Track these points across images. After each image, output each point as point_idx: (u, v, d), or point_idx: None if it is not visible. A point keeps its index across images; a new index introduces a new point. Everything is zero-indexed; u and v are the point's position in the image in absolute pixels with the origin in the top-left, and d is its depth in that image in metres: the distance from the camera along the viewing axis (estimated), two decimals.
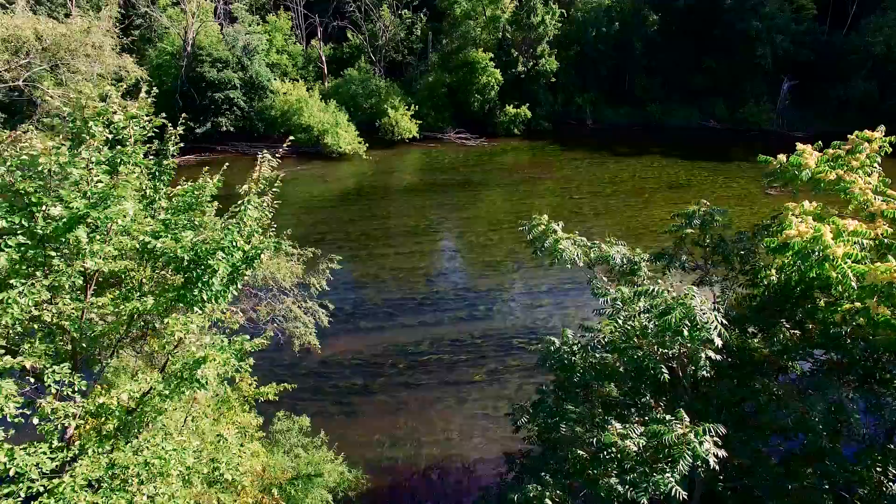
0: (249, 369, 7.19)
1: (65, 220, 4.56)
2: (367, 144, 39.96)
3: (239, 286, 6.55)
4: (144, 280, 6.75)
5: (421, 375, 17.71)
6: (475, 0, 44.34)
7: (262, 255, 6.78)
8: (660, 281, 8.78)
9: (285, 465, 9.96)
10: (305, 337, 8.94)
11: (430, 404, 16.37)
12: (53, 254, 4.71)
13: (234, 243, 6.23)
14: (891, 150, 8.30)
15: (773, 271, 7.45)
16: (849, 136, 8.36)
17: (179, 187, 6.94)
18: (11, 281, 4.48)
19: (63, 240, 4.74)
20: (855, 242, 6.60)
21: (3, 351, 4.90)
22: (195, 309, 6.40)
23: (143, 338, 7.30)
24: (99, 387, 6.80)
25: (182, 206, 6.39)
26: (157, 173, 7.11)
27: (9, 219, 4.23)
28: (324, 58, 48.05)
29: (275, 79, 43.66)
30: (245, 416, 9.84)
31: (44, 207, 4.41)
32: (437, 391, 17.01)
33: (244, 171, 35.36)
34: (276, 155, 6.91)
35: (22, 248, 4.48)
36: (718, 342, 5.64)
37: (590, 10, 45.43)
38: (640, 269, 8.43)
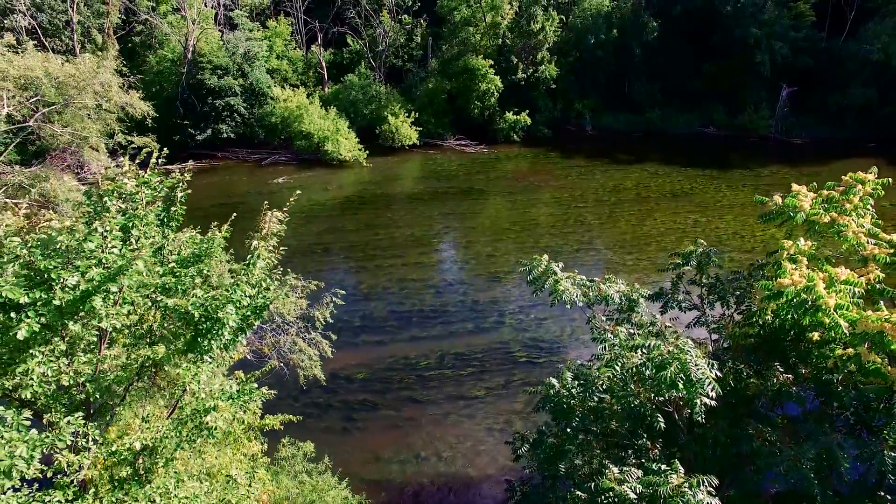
0: (257, 410, 7.36)
1: (82, 289, 4.73)
2: (367, 152, 40.11)
3: (248, 334, 6.72)
4: (154, 326, 6.91)
5: (427, 391, 17.71)
6: (475, 6, 44.43)
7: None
8: (657, 316, 9.00)
9: (291, 492, 10.15)
10: (310, 370, 9.10)
11: (436, 421, 16.41)
12: (70, 323, 4.88)
13: (244, 295, 6.40)
14: (883, 192, 8.47)
15: (769, 313, 7.63)
16: (843, 177, 8.53)
17: (188, 235, 7.09)
18: (31, 350, 4.65)
19: (80, 307, 4.91)
20: (847, 290, 6.78)
21: (27, 413, 5.07)
22: (205, 358, 6.58)
23: (153, 381, 7.47)
24: (111, 431, 6.98)
25: (191, 257, 6.55)
26: (165, 220, 7.27)
27: (30, 295, 4.40)
28: (324, 63, 48.15)
29: (275, 85, 43.79)
30: (250, 444, 10.03)
31: (62, 280, 4.58)
32: (442, 406, 17.00)
33: (244, 177, 35.75)
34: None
35: (41, 319, 4.66)
36: (712, 396, 5.83)
37: (589, 16, 45.54)
38: (639, 305, 8.62)
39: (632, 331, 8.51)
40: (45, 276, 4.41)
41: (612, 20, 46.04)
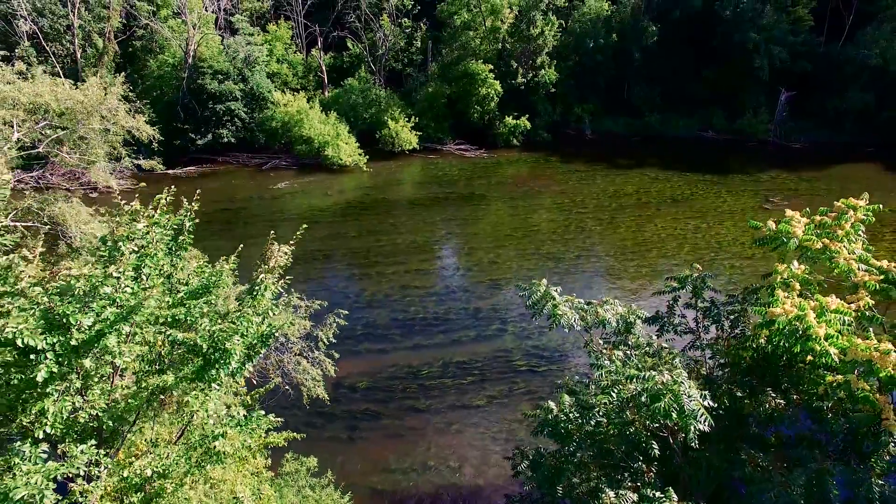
0: (264, 433, 7.55)
1: (97, 329, 4.92)
2: (367, 157, 40.25)
3: (255, 361, 6.91)
4: (164, 353, 7.10)
5: (429, 399, 17.81)
6: (475, 11, 44.56)
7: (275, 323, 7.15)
8: (653, 337, 9.20)
9: None
10: (314, 390, 9.29)
11: (439, 430, 16.49)
12: (86, 361, 5.08)
13: (251, 324, 6.59)
14: (874, 219, 8.65)
15: (763, 337, 7.82)
16: (835, 203, 8.72)
17: (196, 264, 7.27)
18: (48, 389, 4.84)
19: (95, 345, 5.10)
20: (837, 319, 6.97)
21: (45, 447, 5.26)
22: (213, 385, 6.77)
23: (162, 403, 7.65)
24: (121, 456, 7.18)
25: (200, 289, 6.74)
26: (173, 248, 7.45)
27: (49, 340, 4.59)
28: (324, 67, 48.29)
29: (275, 89, 43.93)
30: (255, 461, 10.22)
31: (79, 322, 4.77)
32: (445, 415, 17.11)
33: (246, 182, 35.83)
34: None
35: (59, 360, 4.85)
36: (705, 428, 6.03)
37: (588, 21, 45.69)
38: (635, 327, 8.83)
39: (628, 353, 8.72)
40: (64, 319, 4.60)
41: (612, 24, 46.19)
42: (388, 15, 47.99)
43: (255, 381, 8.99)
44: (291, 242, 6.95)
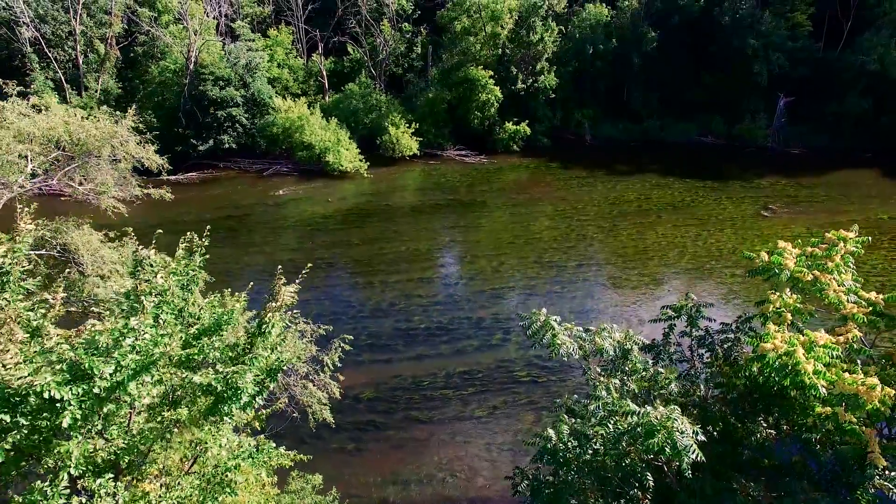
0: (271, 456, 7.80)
1: (118, 379, 5.19)
2: (367, 163, 40.47)
3: (265, 395, 7.18)
4: (176, 387, 7.36)
5: (433, 410, 18.03)
6: (475, 17, 44.75)
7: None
8: (649, 361, 9.47)
9: None
10: (320, 414, 9.55)
11: (442, 442, 16.68)
12: (109, 406, 5.34)
13: (263, 359, 6.85)
14: (863, 251, 8.91)
15: (755, 367, 8.09)
16: (827, 234, 8.98)
17: (208, 300, 7.52)
18: (72, 433, 5.11)
19: (116, 391, 5.37)
20: (826, 353, 7.24)
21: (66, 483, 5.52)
22: (225, 419, 7.04)
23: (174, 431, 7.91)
24: (137, 489, 7.45)
25: (212, 326, 7.00)
26: (185, 284, 7.70)
27: (74, 390, 4.85)
28: (324, 72, 48.49)
29: (276, 95, 44.15)
30: (261, 481, 10.49)
31: (102, 372, 5.03)
32: (448, 426, 17.34)
33: (247, 188, 36.07)
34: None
35: (82, 406, 5.11)
36: (697, 458, 6.30)
37: (588, 26, 45.89)
38: (631, 353, 9.10)
39: (625, 380, 9.00)
40: (89, 371, 4.86)
41: (612, 30, 46.39)
42: (389, 20, 48.19)
43: (261, 402, 9.26)
44: (297, 281, 7.21)
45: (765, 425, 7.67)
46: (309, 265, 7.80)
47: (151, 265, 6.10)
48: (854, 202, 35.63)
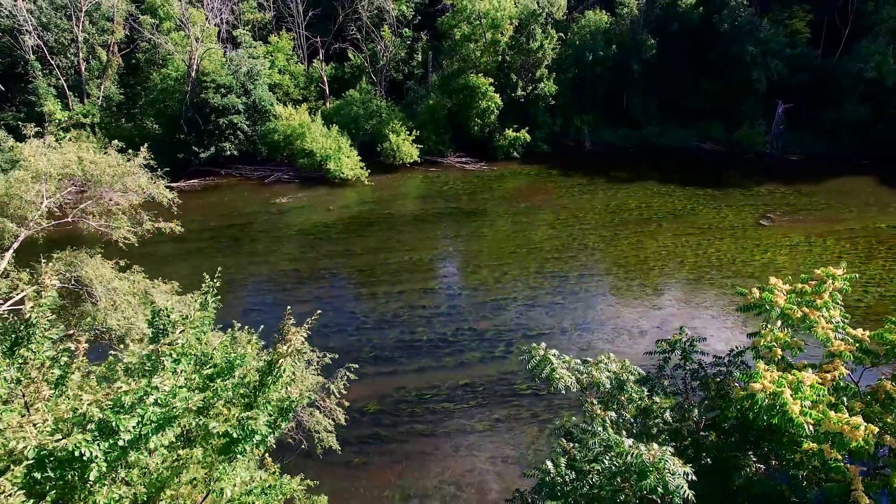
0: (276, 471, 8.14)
1: (143, 430, 5.51)
2: (368, 170, 40.70)
3: (277, 434, 7.50)
4: (190, 428, 7.67)
5: (436, 424, 18.30)
6: (475, 24, 44.97)
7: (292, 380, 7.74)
8: (645, 391, 9.79)
9: None
10: (327, 441, 9.87)
11: (447, 455, 16.95)
12: (130, 455, 5.66)
13: (273, 405, 7.17)
14: (851, 289, 9.22)
15: (746, 404, 8.41)
16: (816, 271, 9.29)
17: (219, 341, 7.83)
18: (97, 485, 5.42)
19: (139, 443, 5.69)
20: (812, 393, 7.57)
21: None
22: (239, 457, 7.37)
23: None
24: None
25: (224, 367, 7.31)
26: (201, 333, 8.01)
27: (101, 446, 5.17)
28: (325, 78, 48.73)
29: (277, 101, 44.40)
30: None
31: (126, 427, 5.35)
32: (451, 440, 17.64)
33: (249, 195, 36.28)
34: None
35: (108, 459, 5.44)
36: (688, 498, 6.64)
37: (587, 33, 46.12)
38: (627, 384, 9.43)
39: (621, 411, 9.33)
40: (116, 427, 5.18)
41: (611, 37, 46.61)
42: (389, 26, 48.40)
43: (273, 441, 9.57)
44: (307, 326, 7.53)
45: (754, 459, 8.00)
46: (318, 312, 8.09)
47: (168, 315, 6.41)
48: (852, 210, 35.93)
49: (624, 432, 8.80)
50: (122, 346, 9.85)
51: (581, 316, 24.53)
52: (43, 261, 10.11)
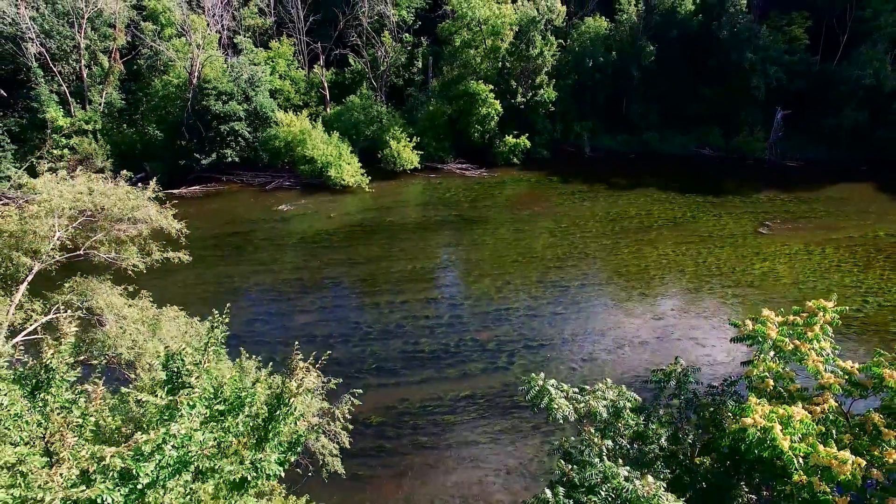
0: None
1: (161, 475, 5.80)
2: (369, 177, 40.91)
3: (286, 467, 7.79)
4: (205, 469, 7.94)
5: (441, 436, 18.51)
6: (476, 30, 45.16)
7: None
8: (641, 419, 10.06)
9: None
10: (332, 465, 10.15)
11: (452, 467, 17.20)
12: (148, 496, 5.95)
13: (283, 439, 7.45)
14: (840, 322, 9.49)
15: (739, 435, 8.68)
16: (807, 303, 9.56)
17: (230, 377, 8.09)
18: None
19: (157, 484, 5.97)
20: (801, 427, 7.85)
21: None
22: (250, 491, 7.65)
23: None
24: None
25: (235, 403, 7.59)
26: (203, 350, 8.27)
27: (122, 492, 5.45)
28: (326, 83, 48.95)
29: (278, 106, 44.62)
30: None
31: (146, 472, 5.64)
32: (457, 451, 17.87)
33: (250, 201, 36.48)
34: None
35: (127, 501, 5.72)
36: None
37: (587, 40, 46.31)
38: (624, 411, 9.72)
39: (617, 438, 9.61)
40: (136, 474, 5.47)
41: (611, 44, 46.80)
42: (390, 31, 48.59)
43: (282, 474, 9.85)
44: (318, 365, 7.79)
45: (746, 490, 8.28)
46: (329, 352, 8.36)
47: (183, 359, 6.69)
48: (851, 218, 36.16)
49: (620, 460, 9.08)
50: (133, 374, 10.16)
51: (582, 326, 24.77)
52: (60, 306, 10.40)
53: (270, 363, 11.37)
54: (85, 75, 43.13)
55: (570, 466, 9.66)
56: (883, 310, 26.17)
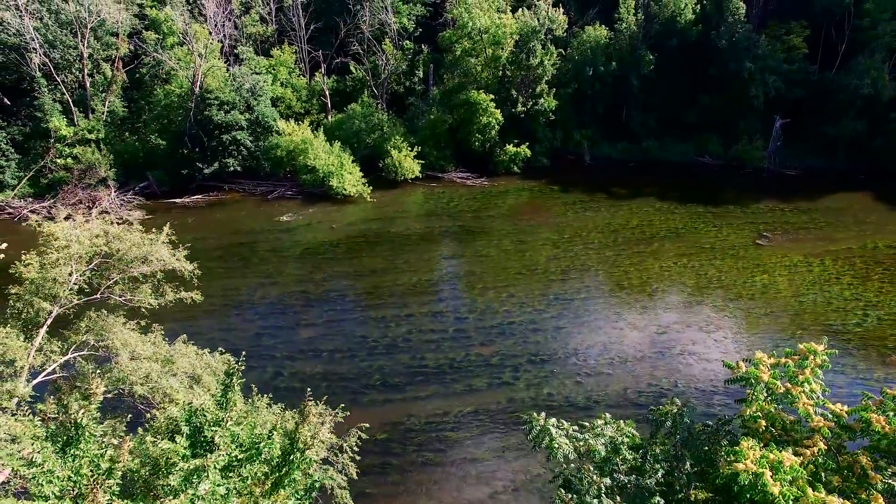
0: None
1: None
2: (370, 186, 41.17)
3: None
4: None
5: (446, 452, 18.74)
6: (476, 40, 45.41)
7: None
8: (639, 456, 10.45)
9: None
10: (341, 498, 10.51)
11: (457, 485, 17.43)
12: None
13: (298, 484, 7.83)
14: (830, 365, 9.86)
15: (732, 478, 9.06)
16: (799, 345, 9.93)
17: (245, 423, 8.46)
18: None
19: None
20: (791, 472, 8.23)
21: None
22: None
23: None
24: None
25: (251, 449, 7.97)
26: (223, 404, 8.66)
27: None
28: (327, 91, 49.21)
29: (280, 114, 44.88)
30: None
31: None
32: (463, 467, 18.10)
33: (252, 211, 36.73)
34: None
35: None
36: None
37: (587, 49, 46.57)
38: (622, 449, 10.12)
39: (615, 474, 10.00)
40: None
41: (610, 53, 47.07)
42: (391, 39, 48.83)
43: None
44: (330, 416, 8.15)
45: None
46: (342, 405, 8.69)
47: (205, 414, 7.07)
48: (850, 228, 36.50)
49: (618, 497, 9.47)
50: (146, 410, 10.55)
51: (583, 342, 25.07)
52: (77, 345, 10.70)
53: (283, 411, 11.62)
54: (88, 84, 43.41)
55: (570, 496, 10.05)
56: (882, 324, 26.46)
